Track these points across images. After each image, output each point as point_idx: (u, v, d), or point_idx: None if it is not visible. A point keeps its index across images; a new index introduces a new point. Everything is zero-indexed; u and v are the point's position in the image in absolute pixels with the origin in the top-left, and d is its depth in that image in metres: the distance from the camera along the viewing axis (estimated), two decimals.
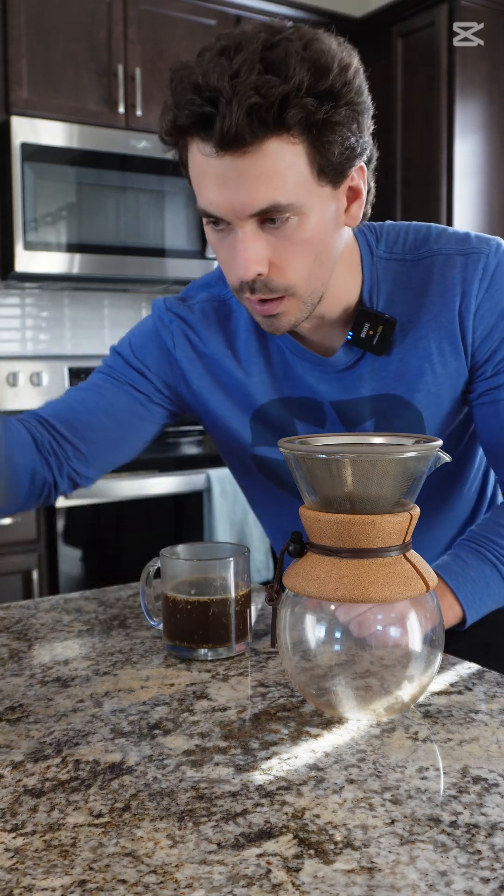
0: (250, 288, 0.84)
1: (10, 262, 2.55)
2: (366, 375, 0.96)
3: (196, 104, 0.77)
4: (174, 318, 1.04)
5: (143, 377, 1.05)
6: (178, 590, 0.84)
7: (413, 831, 0.52)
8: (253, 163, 0.78)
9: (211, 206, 0.82)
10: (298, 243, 0.83)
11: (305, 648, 0.69)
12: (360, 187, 0.87)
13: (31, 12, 2.57)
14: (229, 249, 0.84)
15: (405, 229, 0.96)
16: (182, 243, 2.81)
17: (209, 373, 1.03)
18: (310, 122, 0.77)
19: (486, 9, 2.94)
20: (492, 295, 0.91)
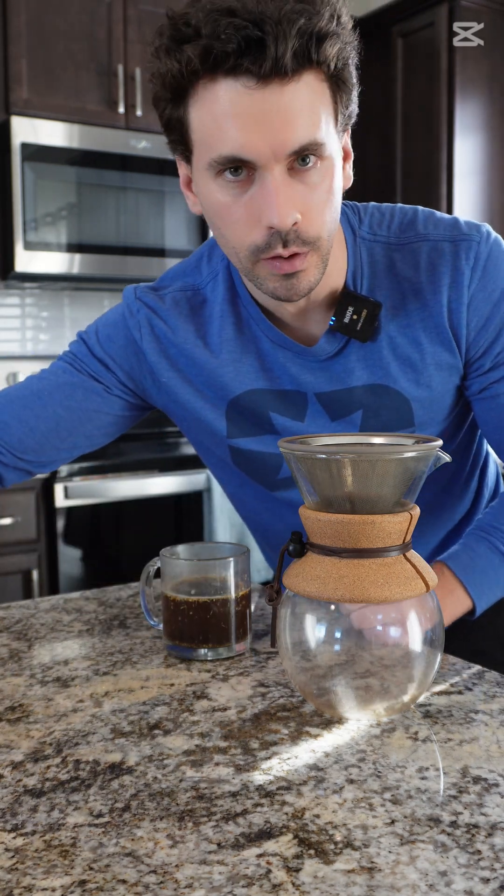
0: (283, 241, 0.78)
1: (10, 262, 2.55)
2: (353, 365, 0.92)
3: (240, 28, 0.70)
4: (142, 307, 0.98)
5: (106, 367, 1.00)
6: (178, 590, 0.84)
7: (413, 831, 0.52)
8: (294, 95, 0.73)
9: (244, 148, 0.74)
10: (325, 191, 0.79)
11: (305, 648, 0.69)
12: (349, 148, 0.85)
13: (31, 12, 2.57)
14: (250, 204, 0.77)
15: (390, 211, 0.93)
16: (182, 243, 2.81)
17: (178, 365, 0.98)
18: (337, 60, 0.76)
19: (486, 9, 2.94)
20: (485, 285, 0.87)
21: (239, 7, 0.70)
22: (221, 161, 0.76)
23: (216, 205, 0.80)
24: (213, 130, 0.76)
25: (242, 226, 0.79)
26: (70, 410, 1.00)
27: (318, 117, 0.76)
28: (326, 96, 0.77)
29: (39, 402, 1.00)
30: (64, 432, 1.01)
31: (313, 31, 0.72)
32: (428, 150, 2.99)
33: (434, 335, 0.89)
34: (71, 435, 1.02)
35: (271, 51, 0.70)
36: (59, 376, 1.01)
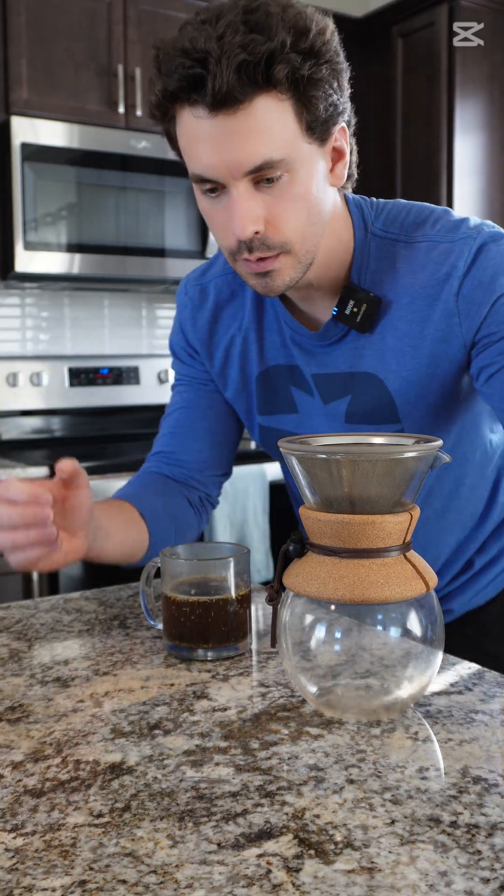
0: (248, 247, 0.86)
1: (10, 262, 2.55)
2: (346, 351, 0.97)
3: (186, 67, 0.79)
4: (188, 303, 1.11)
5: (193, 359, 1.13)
6: (178, 590, 0.84)
7: (413, 831, 0.52)
8: (245, 120, 0.80)
9: (205, 168, 0.83)
10: (291, 199, 0.85)
11: (305, 648, 0.69)
12: (343, 148, 0.90)
13: (31, 12, 2.57)
14: (224, 213, 0.86)
15: (407, 210, 0.96)
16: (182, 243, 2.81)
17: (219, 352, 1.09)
18: (295, 79, 0.80)
19: (486, 9, 2.94)
20: (475, 275, 0.89)
21: (190, 47, 0.78)
22: (195, 178, 0.86)
23: (203, 210, 0.90)
24: (186, 150, 0.86)
25: (220, 231, 0.88)
26: (210, 419, 1.13)
27: (275, 135, 0.81)
28: (288, 112, 0.82)
29: (191, 430, 1.13)
30: (220, 437, 1.14)
31: (260, 59, 0.78)
32: (428, 149, 2.99)
33: (430, 330, 0.92)
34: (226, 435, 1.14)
35: (210, 86, 0.78)
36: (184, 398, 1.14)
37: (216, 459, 1.14)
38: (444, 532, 1.07)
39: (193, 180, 0.86)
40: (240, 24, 0.78)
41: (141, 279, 2.79)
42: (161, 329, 3.25)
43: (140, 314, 3.19)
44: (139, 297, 3.17)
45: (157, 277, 2.79)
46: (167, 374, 3.12)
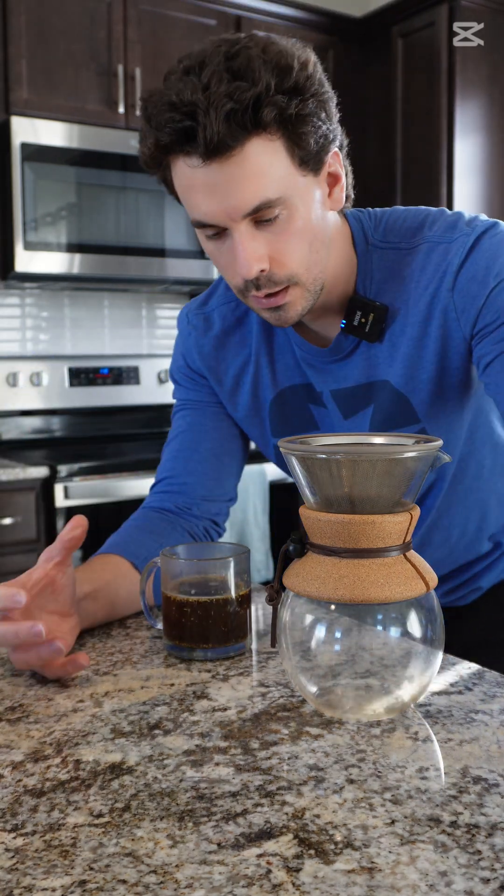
0: (255, 285, 0.88)
1: (10, 262, 2.55)
2: (359, 363, 0.99)
3: (176, 120, 0.81)
4: (192, 332, 1.11)
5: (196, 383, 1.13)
6: (178, 590, 0.84)
7: (413, 831, 0.52)
8: (238, 165, 0.82)
9: (204, 215, 0.85)
10: (292, 233, 0.87)
11: (305, 648, 0.69)
12: (338, 172, 0.92)
13: (31, 12, 2.57)
14: (228, 254, 0.88)
15: (403, 217, 0.97)
16: (182, 243, 2.81)
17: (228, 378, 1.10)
18: (283, 118, 0.82)
19: (486, 9, 2.94)
20: (468, 269, 0.90)
21: (177, 101, 0.80)
22: (196, 224, 0.88)
23: (208, 251, 0.91)
24: (184, 198, 0.88)
25: (226, 271, 0.90)
26: (214, 440, 1.12)
27: (269, 177, 0.83)
28: (280, 151, 0.84)
29: (194, 453, 1.12)
30: (225, 458, 1.13)
31: (247, 104, 0.79)
32: (428, 150, 2.99)
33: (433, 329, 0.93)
34: (230, 457, 1.13)
35: (201, 137, 0.80)
36: (187, 422, 1.13)
37: (221, 482, 1.12)
38: (470, 511, 1.09)
39: (195, 226, 0.88)
40: (223, 72, 0.79)
41: (141, 279, 2.79)
42: (161, 329, 3.25)
43: (140, 314, 3.19)
44: (139, 297, 3.17)
45: (157, 277, 2.79)
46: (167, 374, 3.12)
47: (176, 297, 3.26)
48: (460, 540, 1.10)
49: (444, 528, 1.09)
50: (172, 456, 1.12)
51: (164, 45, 2.81)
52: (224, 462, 1.12)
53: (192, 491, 1.10)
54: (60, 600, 0.84)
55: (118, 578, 0.95)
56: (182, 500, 1.10)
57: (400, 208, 0.99)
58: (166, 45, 2.81)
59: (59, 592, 0.83)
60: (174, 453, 1.12)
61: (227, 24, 2.93)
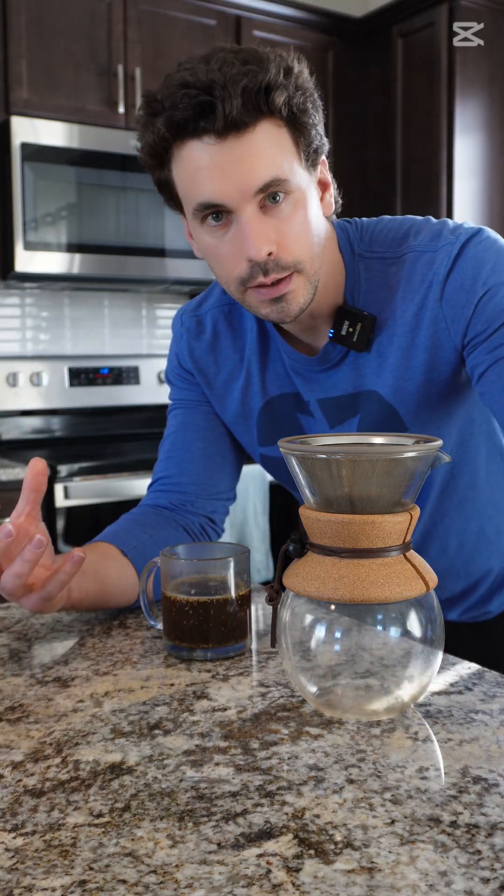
0: (263, 270, 0.87)
1: (10, 262, 2.55)
2: (347, 373, 0.99)
3: (192, 96, 0.82)
4: (184, 333, 1.12)
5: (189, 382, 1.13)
6: (178, 590, 0.85)
7: (413, 831, 0.52)
8: (250, 143, 0.84)
9: (213, 193, 0.85)
10: (297, 220, 0.88)
11: (305, 648, 0.69)
12: (327, 179, 0.95)
13: (31, 12, 2.57)
14: (232, 242, 0.88)
15: (388, 227, 0.98)
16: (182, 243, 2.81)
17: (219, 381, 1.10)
18: (290, 107, 0.85)
19: (486, 9, 2.94)
20: (455, 279, 0.91)
21: (192, 80, 0.82)
22: (201, 208, 0.87)
23: (206, 247, 0.91)
24: (190, 184, 0.87)
25: (228, 262, 0.90)
26: (207, 439, 1.12)
27: (278, 157, 0.85)
28: (286, 138, 0.87)
29: (186, 451, 1.12)
30: (218, 457, 1.13)
31: (260, 86, 0.82)
32: (428, 150, 2.99)
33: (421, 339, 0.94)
34: (224, 456, 1.13)
35: (220, 111, 0.82)
36: (179, 421, 1.14)
37: (214, 481, 1.12)
38: (467, 521, 1.09)
39: (197, 214, 0.88)
40: (234, 59, 0.83)
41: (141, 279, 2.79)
42: (161, 329, 3.25)
43: (140, 314, 3.19)
44: (139, 297, 3.17)
45: (157, 277, 2.79)
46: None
47: (176, 297, 3.26)
48: (459, 552, 1.10)
49: (440, 538, 1.08)
50: (166, 456, 1.13)
51: (164, 45, 2.81)
52: (216, 461, 1.12)
53: (187, 489, 1.10)
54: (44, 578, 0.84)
55: (108, 560, 0.96)
56: (177, 498, 1.10)
57: (386, 218, 1.01)
58: (166, 45, 2.81)
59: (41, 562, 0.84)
60: (167, 453, 1.13)
61: (227, 24, 2.93)
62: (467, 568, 1.11)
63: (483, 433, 1.06)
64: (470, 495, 1.08)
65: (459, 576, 1.11)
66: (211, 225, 0.88)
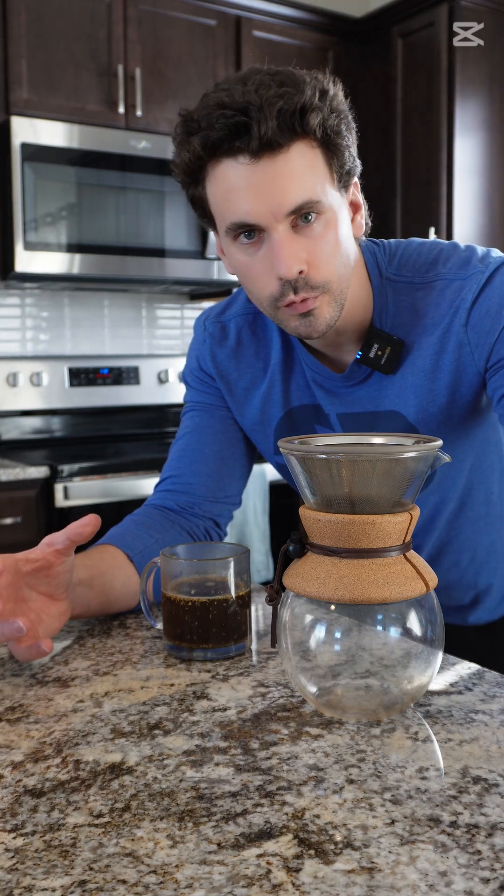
0: (293, 288, 0.89)
1: (10, 262, 2.55)
2: (370, 392, 1.01)
3: (228, 117, 0.84)
4: (207, 338, 1.13)
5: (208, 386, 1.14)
6: (178, 590, 0.85)
7: (413, 831, 0.52)
8: (284, 164, 0.85)
9: (247, 214, 0.87)
10: (327, 241, 0.89)
11: (305, 648, 0.69)
12: (359, 201, 0.96)
13: (31, 12, 2.57)
14: (264, 260, 0.89)
15: (417, 252, 1.00)
16: (182, 243, 2.81)
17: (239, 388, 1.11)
18: (325, 128, 0.86)
19: (486, 9, 2.94)
20: (482, 305, 0.93)
21: (228, 101, 0.84)
22: (234, 227, 0.89)
23: (238, 264, 0.93)
24: (223, 203, 0.89)
25: (260, 280, 0.91)
26: (220, 442, 1.12)
27: (312, 179, 0.86)
28: (319, 160, 0.88)
29: (199, 453, 1.12)
30: (230, 461, 1.13)
31: (295, 108, 0.84)
32: (428, 149, 2.98)
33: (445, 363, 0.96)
34: (235, 461, 1.13)
35: (256, 132, 0.83)
36: (194, 423, 1.14)
37: (224, 484, 1.12)
38: (479, 536, 1.11)
39: (230, 232, 0.90)
40: (270, 81, 0.84)
41: (141, 279, 2.79)
42: (161, 329, 3.25)
43: (140, 314, 3.19)
44: (139, 297, 3.17)
45: (157, 277, 2.79)
46: (167, 374, 3.12)
47: (176, 297, 3.26)
48: (470, 565, 1.12)
49: (454, 553, 1.10)
50: (178, 455, 1.13)
51: (164, 45, 2.81)
52: (228, 465, 1.12)
53: (195, 491, 1.10)
54: (53, 584, 0.84)
55: (114, 570, 0.96)
56: (184, 500, 1.10)
57: (414, 241, 1.02)
58: (166, 45, 2.81)
59: (53, 577, 0.84)
60: (180, 453, 1.13)
61: (227, 24, 2.93)
62: (476, 580, 1.13)
63: (496, 453, 1.08)
64: (484, 512, 1.09)
65: (469, 587, 1.13)
66: (243, 243, 0.90)
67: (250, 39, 2.98)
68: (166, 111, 2.80)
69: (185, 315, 3.30)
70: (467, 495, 1.07)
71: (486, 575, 1.13)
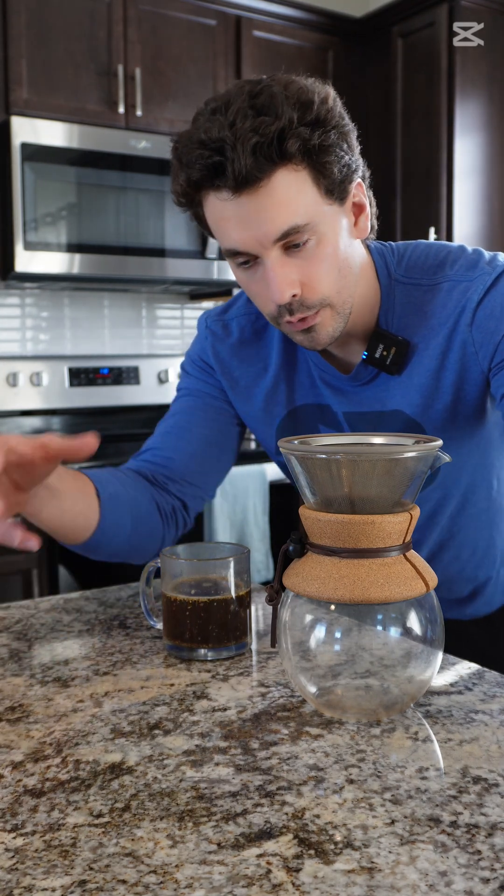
0: (289, 310, 0.91)
1: (10, 262, 2.55)
2: (376, 392, 1.01)
3: (205, 157, 0.84)
4: (209, 335, 1.13)
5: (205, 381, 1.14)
6: (178, 590, 0.85)
7: (413, 831, 0.52)
8: (266, 196, 0.85)
9: (237, 243, 0.88)
10: (322, 259, 0.90)
11: (305, 648, 0.69)
12: (363, 201, 0.95)
13: (31, 12, 2.57)
14: (260, 282, 0.91)
15: (425, 253, 1.00)
16: (182, 243, 2.81)
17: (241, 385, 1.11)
18: (307, 149, 0.85)
19: (486, 9, 2.94)
20: (487, 306, 0.93)
21: (206, 137, 0.84)
22: (228, 253, 0.91)
23: (239, 281, 0.95)
24: (216, 230, 0.91)
25: (258, 299, 0.94)
26: (210, 428, 1.12)
27: (296, 203, 0.86)
28: (306, 181, 0.87)
29: (186, 432, 1.12)
30: (214, 449, 1.13)
31: (272, 138, 0.83)
32: (428, 149, 2.98)
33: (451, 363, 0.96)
34: (220, 451, 1.13)
35: (230, 171, 0.84)
36: (186, 404, 1.14)
37: (204, 470, 1.12)
38: (480, 530, 1.12)
39: (227, 255, 0.92)
40: (248, 109, 0.83)
41: (141, 279, 2.79)
42: (161, 329, 3.25)
43: (140, 314, 3.19)
44: (139, 297, 3.17)
45: (157, 277, 2.79)
46: (167, 374, 3.12)
47: (176, 297, 3.26)
48: (471, 558, 1.12)
49: (455, 548, 1.11)
50: (164, 431, 1.13)
51: (164, 45, 2.81)
52: (212, 452, 1.12)
53: (174, 466, 1.10)
54: (26, 478, 0.82)
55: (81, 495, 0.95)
56: (161, 473, 1.09)
57: (422, 243, 1.02)
58: (166, 45, 2.81)
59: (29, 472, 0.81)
60: (167, 429, 1.13)
61: (227, 24, 2.93)
62: (476, 573, 1.13)
63: (498, 449, 1.09)
64: (485, 507, 1.10)
65: (469, 580, 1.13)
66: (240, 264, 0.91)
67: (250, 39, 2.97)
68: (166, 111, 2.80)
69: (186, 315, 3.30)
70: (470, 492, 1.08)
71: (486, 568, 1.13)
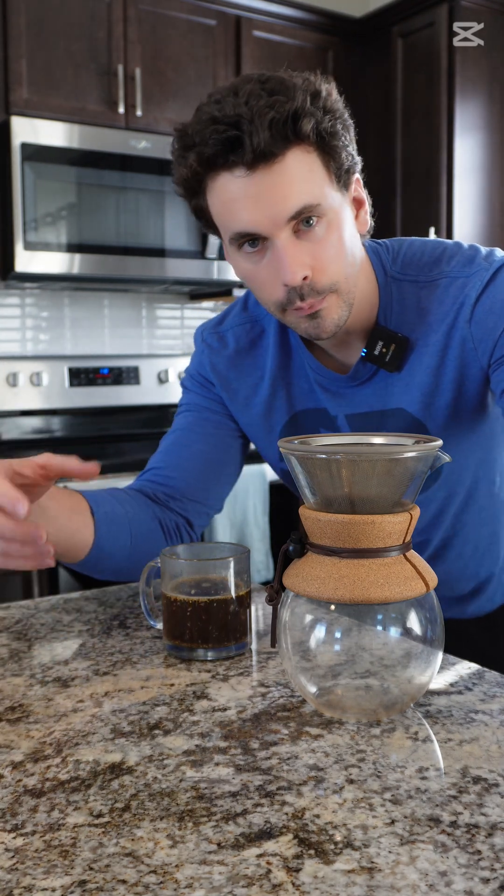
0: (299, 295, 0.90)
1: (10, 262, 2.55)
2: (376, 390, 1.01)
3: (220, 132, 0.84)
4: (206, 348, 1.13)
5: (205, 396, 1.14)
6: (178, 590, 0.85)
7: (413, 831, 0.52)
8: (280, 173, 0.86)
9: (249, 224, 0.88)
10: (331, 244, 0.90)
11: (305, 648, 0.69)
12: (362, 196, 0.96)
13: (31, 12, 2.57)
14: (268, 267, 0.90)
15: (420, 250, 1.00)
16: (182, 243, 2.81)
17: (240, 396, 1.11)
18: (319, 132, 0.87)
19: (486, 9, 2.94)
20: (485, 302, 0.93)
21: (220, 115, 0.85)
22: (237, 237, 0.90)
23: (244, 271, 0.94)
24: (224, 214, 0.90)
25: (266, 287, 0.92)
26: (210, 445, 1.12)
27: (309, 183, 0.87)
28: (316, 163, 0.88)
29: (187, 449, 1.12)
30: (216, 464, 1.12)
31: (287, 116, 0.84)
32: (428, 149, 2.98)
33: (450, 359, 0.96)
34: (221, 466, 1.13)
35: (249, 144, 0.84)
36: (187, 421, 1.14)
37: (206, 486, 1.11)
38: (482, 527, 1.12)
39: (233, 241, 0.91)
40: (260, 90, 0.84)
41: (141, 279, 2.79)
42: (161, 329, 3.25)
43: (140, 314, 3.19)
44: (139, 297, 3.17)
45: (157, 277, 2.79)
46: (167, 374, 3.12)
47: (176, 297, 3.26)
48: (473, 555, 1.12)
49: (459, 545, 1.11)
50: (165, 449, 1.14)
51: (164, 45, 2.81)
52: (213, 468, 1.12)
53: (175, 485, 1.10)
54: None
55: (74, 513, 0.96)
56: (163, 492, 1.10)
57: (417, 241, 1.03)
58: (166, 45, 2.81)
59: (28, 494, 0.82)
60: (168, 447, 1.13)
61: (227, 24, 2.93)
62: (479, 569, 1.13)
63: (500, 445, 1.09)
64: (488, 503, 1.10)
65: (471, 577, 1.14)
66: (247, 251, 0.91)
67: (250, 39, 2.97)
68: (166, 111, 2.80)
69: (185, 315, 3.30)
70: (474, 489, 1.08)
71: (488, 565, 1.13)
